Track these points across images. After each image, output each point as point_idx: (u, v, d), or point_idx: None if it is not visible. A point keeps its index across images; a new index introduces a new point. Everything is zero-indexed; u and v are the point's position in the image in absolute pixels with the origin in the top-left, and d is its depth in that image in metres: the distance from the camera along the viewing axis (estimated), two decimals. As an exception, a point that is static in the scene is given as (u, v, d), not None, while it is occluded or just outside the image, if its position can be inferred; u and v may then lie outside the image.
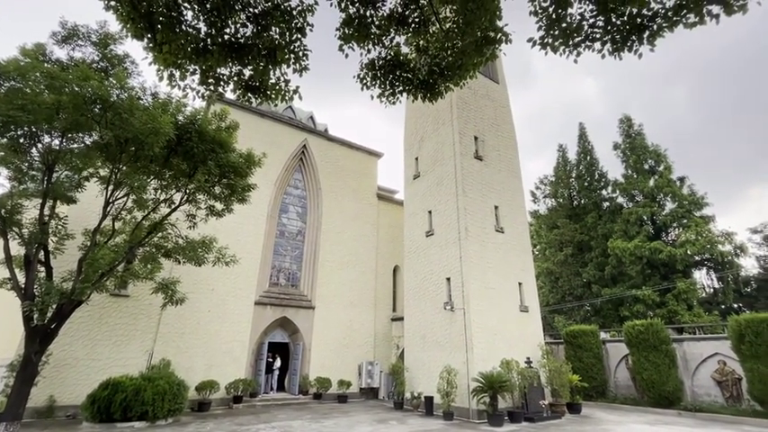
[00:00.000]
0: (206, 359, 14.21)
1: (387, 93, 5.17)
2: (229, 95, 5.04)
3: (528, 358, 13.33)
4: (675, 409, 13.28)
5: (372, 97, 5.22)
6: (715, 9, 3.80)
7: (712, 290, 25.95)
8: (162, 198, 10.73)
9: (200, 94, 4.69)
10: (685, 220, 24.30)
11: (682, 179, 25.69)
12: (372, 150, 22.21)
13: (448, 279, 14.30)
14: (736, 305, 25.44)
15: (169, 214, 10.79)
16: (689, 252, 22.99)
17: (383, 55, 5.00)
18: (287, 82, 4.80)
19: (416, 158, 18.04)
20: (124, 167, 9.47)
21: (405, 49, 5.16)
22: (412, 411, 13.58)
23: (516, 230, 16.03)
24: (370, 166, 21.92)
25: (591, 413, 13.42)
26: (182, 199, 10.82)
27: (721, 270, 24.78)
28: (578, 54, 4.23)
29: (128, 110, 8.13)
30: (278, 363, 16.78)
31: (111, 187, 9.77)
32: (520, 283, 15.07)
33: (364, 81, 5.10)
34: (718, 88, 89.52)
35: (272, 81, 4.75)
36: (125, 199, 10.30)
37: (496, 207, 15.71)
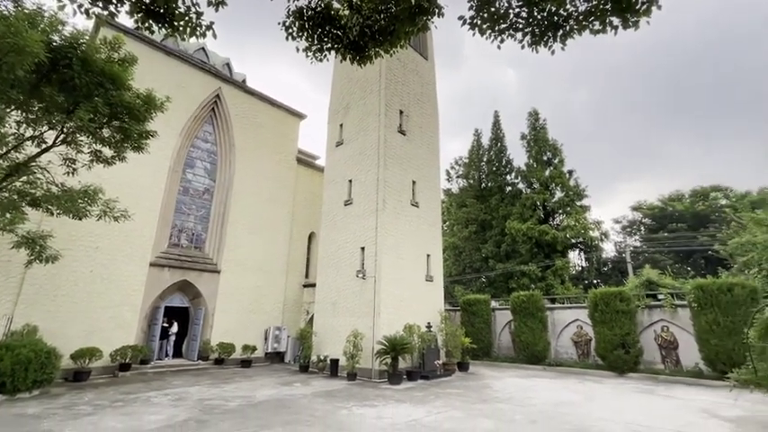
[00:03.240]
0: (86, 325, 12.59)
1: (314, 48, 4.86)
2: (127, 22, 4.23)
3: (428, 323, 14.51)
4: (542, 365, 15.86)
5: (298, 50, 4.86)
6: (615, 21, 4.28)
7: (580, 268, 30.98)
8: (28, 135, 8.84)
9: (83, 10, 3.85)
10: (569, 208, 28.17)
11: (570, 172, 29.48)
12: (295, 110, 21.06)
13: (362, 248, 14.61)
14: (595, 281, 30.78)
15: (38, 155, 8.98)
16: (568, 236, 26.90)
17: (313, 5, 4.65)
18: (199, 15, 4.20)
19: (341, 125, 17.65)
20: (-29, 90, 7.50)
21: (337, 5, 4.86)
22: (317, 374, 13.95)
23: (430, 206, 16.91)
24: (291, 127, 20.83)
25: (477, 371, 15.30)
26: (56, 138, 9.06)
27: (589, 252, 29.62)
28: (502, 41, 4.44)
29: (-24, 15, 6.36)
30: (174, 328, 15.66)
31: (-50, 113, 7.71)
32: (428, 255, 16.09)
33: (290, 30, 4.71)
34: (608, 95, 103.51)
35: (181, 10, 4.11)
36: (-27, 130, 8.25)
37: (414, 182, 16.31)
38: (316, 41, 4.81)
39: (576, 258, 30.98)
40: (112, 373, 12.55)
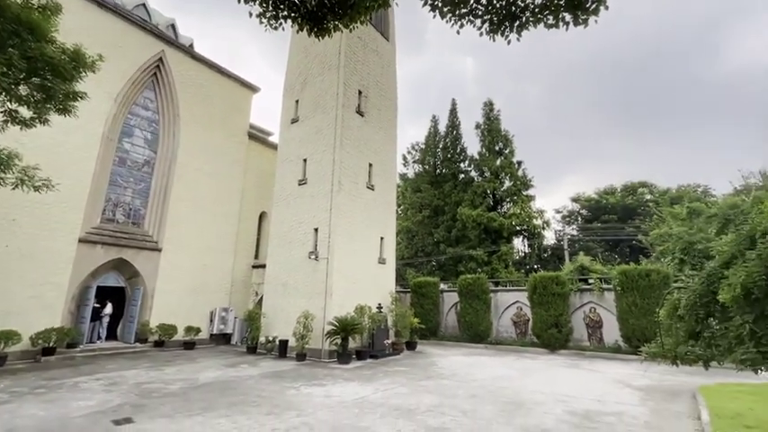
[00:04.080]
0: (1, 306, 11.32)
1: (269, 14, 4.55)
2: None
3: (379, 304, 14.78)
4: (484, 344, 16.87)
5: (251, 15, 4.54)
6: (567, 17, 4.45)
7: (523, 254, 33.00)
8: None
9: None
10: (516, 197, 29.65)
11: (519, 163, 30.91)
12: (247, 82, 19.92)
13: (316, 229, 14.41)
14: (536, 266, 32.98)
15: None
16: (513, 223, 28.42)
17: (268, -33, 4.33)
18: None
19: (297, 101, 16.99)
20: None
21: (295, -31, 4.57)
22: (265, 355, 13.75)
23: (385, 189, 16.98)
24: (243, 100, 19.72)
25: (424, 349, 15.93)
26: (-41, 93, 7.82)
27: (531, 239, 31.57)
28: (461, 26, 4.45)
29: None
30: (108, 309, 14.58)
31: None
32: (381, 238, 16.25)
33: (242, -8, 4.37)
34: (559, 91, 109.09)
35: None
36: None
37: (371, 165, 16.23)
38: (271, 7, 4.51)
39: (519, 245, 32.92)
40: (33, 358, 11.48)
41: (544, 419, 6.39)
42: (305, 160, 15.72)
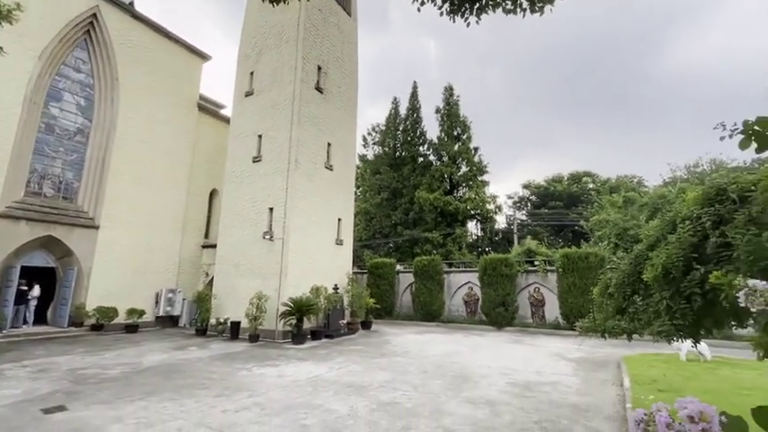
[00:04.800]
0: None
1: (218, -27, 4.20)
2: None
3: (336, 285, 14.79)
4: (436, 322, 17.54)
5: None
6: (525, 3, 4.53)
7: (476, 237, 34.36)
8: None
9: None
10: (471, 182, 30.58)
11: (476, 149, 31.76)
12: (197, 49, 18.50)
13: (271, 209, 13.98)
14: (488, 249, 34.53)
15: None
16: (468, 207, 29.38)
17: None
18: None
19: (251, 73, 16.08)
20: None
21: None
22: (216, 337, 13.35)
23: (344, 170, 16.76)
24: (191, 68, 18.34)
25: (379, 328, 16.26)
26: None
27: (484, 223, 32.88)
28: (422, 3, 4.39)
29: None
30: (36, 291, 13.34)
31: None
32: (339, 219, 16.13)
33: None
34: (517, 80, 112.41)
35: None
36: None
37: (329, 144, 15.89)
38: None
39: (473, 228, 34.20)
40: (-54, 344, 10.29)
41: (488, 391, 6.81)
42: (260, 136, 15.05)
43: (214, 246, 16.08)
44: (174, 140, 17.06)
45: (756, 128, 1.11)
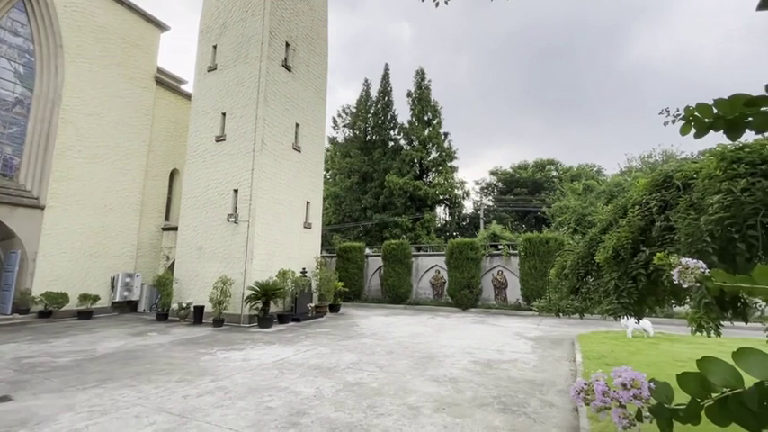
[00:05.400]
0: None
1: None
2: None
3: (303, 269, 14.66)
4: (404, 304, 17.88)
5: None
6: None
7: (444, 221, 35.02)
8: None
9: None
10: (440, 168, 30.94)
11: (446, 134, 32.03)
12: (154, 18, 17.22)
13: (236, 190, 13.51)
14: (455, 233, 35.34)
15: None
16: (437, 192, 29.80)
17: None
18: None
19: (215, 47, 15.22)
20: None
21: None
22: (178, 322, 12.95)
23: (313, 152, 16.41)
24: (148, 39, 17.09)
25: (347, 311, 16.37)
26: None
27: (452, 208, 33.52)
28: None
29: None
30: (-25, 276, 12.32)
31: None
32: (308, 202, 15.87)
33: None
34: (488, 67, 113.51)
35: None
36: None
37: (298, 125, 15.46)
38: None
39: (441, 213, 34.80)
40: None
41: (452, 369, 7.07)
42: (224, 114, 14.38)
43: (175, 228, 15.42)
44: (131, 116, 15.97)
45: (696, 114, 1.16)
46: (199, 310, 12.74)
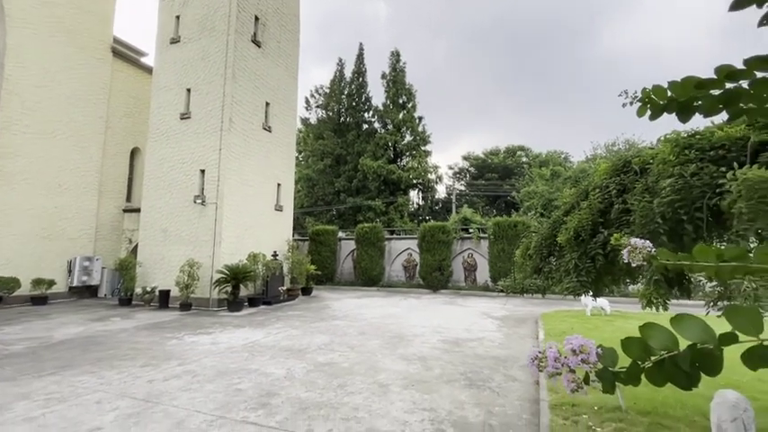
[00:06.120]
0: None
1: None
2: None
3: (275, 252, 14.46)
4: (377, 287, 18.08)
5: None
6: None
7: (418, 205, 35.33)
8: None
9: None
10: (414, 152, 30.97)
11: (420, 118, 31.96)
12: (109, -17, 15.91)
13: (202, 171, 13.00)
14: (428, 217, 35.77)
15: None
16: (411, 176, 29.90)
17: None
18: None
19: (177, 17, 14.31)
20: None
21: None
22: (143, 306, 12.51)
23: (284, 132, 15.97)
24: (102, 4, 15.80)
25: (319, 294, 16.38)
26: None
27: (425, 192, 33.83)
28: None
29: None
30: None
31: None
32: (279, 184, 15.53)
33: None
34: (463, 51, 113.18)
35: None
36: None
37: (268, 104, 14.94)
38: None
39: (415, 197, 35.04)
40: None
41: (421, 348, 7.27)
42: (188, 90, 13.67)
43: (138, 210, 14.72)
44: (85, 89, 14.86)
45: (652, 96, 1.20)
46: (164, 294, 12.35)
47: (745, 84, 0.95)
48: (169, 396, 4.79)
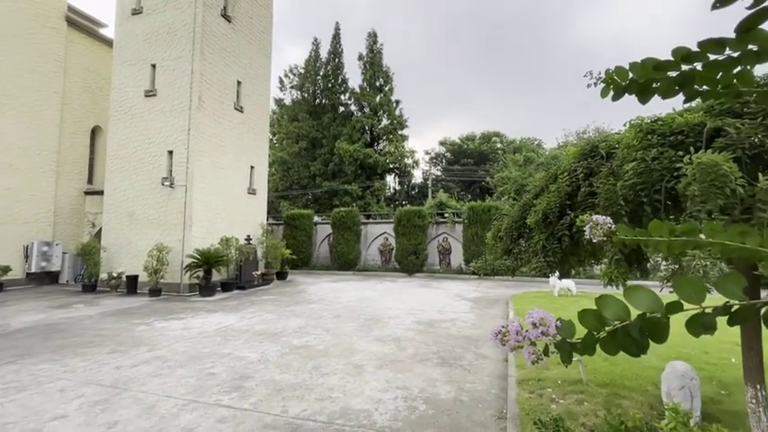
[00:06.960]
0: None
1: None
2: None
3: (248, 236, 14.18)
4: (352, 271, 18.13)
5: None
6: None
7: (394, 190, 35.39)
8: None
9: None
10: (391, 136, 30.80)
11: (398, 102, 31.70)
12: (61, -55, 14.62)
13: (170, 152, 12.46)
14: (405, 202, 35.94)
15: None
16: (387, 161, 29.80)
17: None
18: None
19: (139, -14, 13.39)
20: None
21: None
22: (109, 292, 12.05)
23: (257, 113, 15.47)
24: (55, -31, 14.55)
25: (294, 278, 16.27)
26: None
27: (402, 176, 33.87)
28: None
29: None
30: None
31: None
32: (252, 167, 15.13)
33: None
34: (443, 36, 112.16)
35: None
36: None
37: (239, 83, 14.38)
38: None
39: (391, 181, 35.05)
40: None
41: (396, 330, 7.40)
42: (153, 66, 12.94)
43: (101, 192, 14.02)
44: (36, 61, 13.78)
45: (615, 77, 1.22)
46: (132, 279, 11.93)
47: (699, 66, 0.99)
48: (138, 382, 4.68)
